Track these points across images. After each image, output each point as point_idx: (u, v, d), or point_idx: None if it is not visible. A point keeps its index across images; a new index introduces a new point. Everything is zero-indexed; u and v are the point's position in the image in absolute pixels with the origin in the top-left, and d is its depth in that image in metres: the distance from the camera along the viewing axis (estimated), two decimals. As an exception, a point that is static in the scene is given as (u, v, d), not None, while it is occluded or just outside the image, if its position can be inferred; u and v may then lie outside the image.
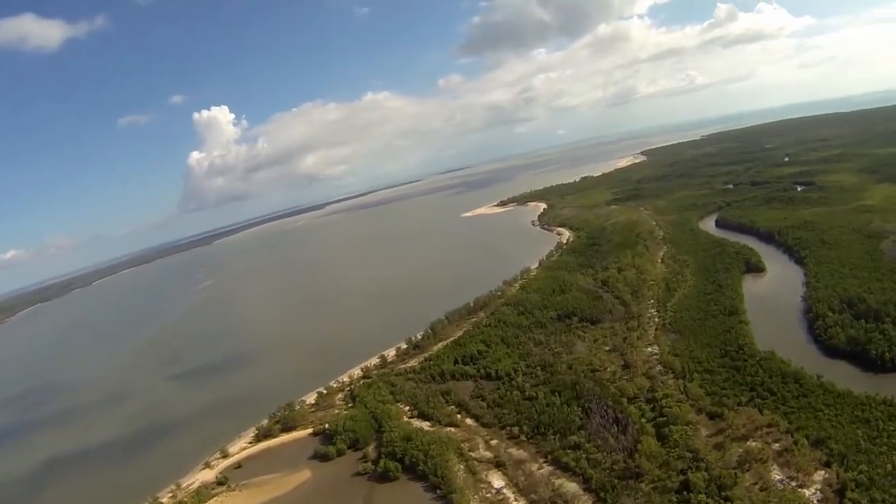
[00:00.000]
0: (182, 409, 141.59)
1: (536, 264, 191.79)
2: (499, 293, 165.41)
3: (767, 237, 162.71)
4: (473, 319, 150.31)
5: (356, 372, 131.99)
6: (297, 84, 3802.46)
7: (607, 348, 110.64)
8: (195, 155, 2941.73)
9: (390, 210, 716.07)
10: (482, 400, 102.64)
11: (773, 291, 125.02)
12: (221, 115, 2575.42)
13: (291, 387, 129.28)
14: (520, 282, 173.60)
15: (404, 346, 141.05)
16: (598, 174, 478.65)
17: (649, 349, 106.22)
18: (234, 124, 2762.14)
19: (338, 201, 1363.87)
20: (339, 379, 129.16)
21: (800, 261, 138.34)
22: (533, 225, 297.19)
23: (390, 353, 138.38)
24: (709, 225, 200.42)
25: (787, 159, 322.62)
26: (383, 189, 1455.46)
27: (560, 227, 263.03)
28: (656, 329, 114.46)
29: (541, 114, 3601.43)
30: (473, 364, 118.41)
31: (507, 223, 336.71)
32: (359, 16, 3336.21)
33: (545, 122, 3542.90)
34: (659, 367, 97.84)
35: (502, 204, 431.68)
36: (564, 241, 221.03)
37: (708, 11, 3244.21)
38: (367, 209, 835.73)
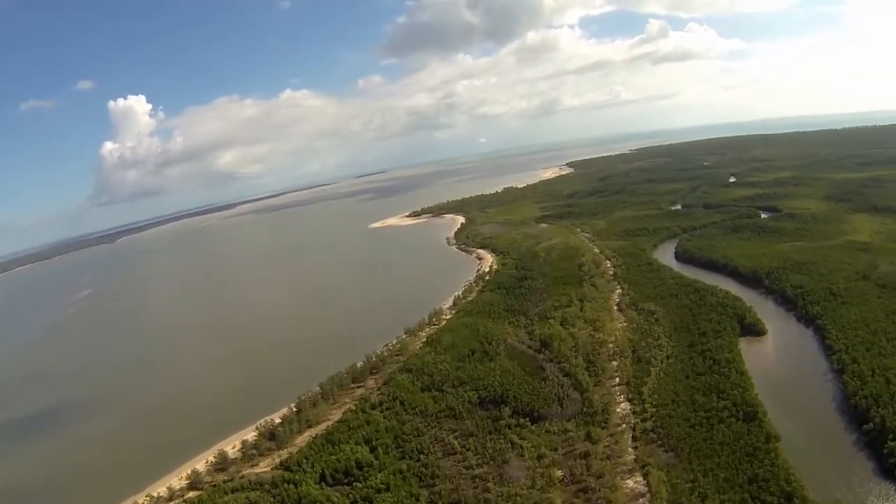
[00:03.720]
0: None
1: (450, 302, 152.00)
2: (398, 347, 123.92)
3: (752, 280, 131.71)
4: (359, 390, 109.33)
5: (183, 474, 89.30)
6: (213, 77, 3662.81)
7: (560, 473, 71.03)
8: (108, 145, 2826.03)
9: (297, 215, 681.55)
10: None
11: (789, 371, 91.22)
12: (138, 106, 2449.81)
13: (91, 492, 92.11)
14: (427, 330, 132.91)
15: (254, 435, 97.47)
16: (522, 185, 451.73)
17: (630, 483, 67.57)
18: (151, 115, 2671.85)
19: (249, 201, 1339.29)
20: (155, 492, 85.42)
21: (805, 318, 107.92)
22: (448, 243, 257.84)
23: (236, 445, 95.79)
24: (667, 256, 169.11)
25: (733, 179, 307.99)
26: (298, 190, 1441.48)
27: (481, 248, 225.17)
28: (634, 438, 76.20)
29: (462, 121, 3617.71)
30: (348, 484, 76.61)
31: (419, 239, 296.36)
32: (280, 9, 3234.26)
33: (466, 129, 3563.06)
34: (654, 530, 59.17)
35: (415, 215, 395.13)
36: (487, 270, 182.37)
37: (640, 27, 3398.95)
38: (275, 212, 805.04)
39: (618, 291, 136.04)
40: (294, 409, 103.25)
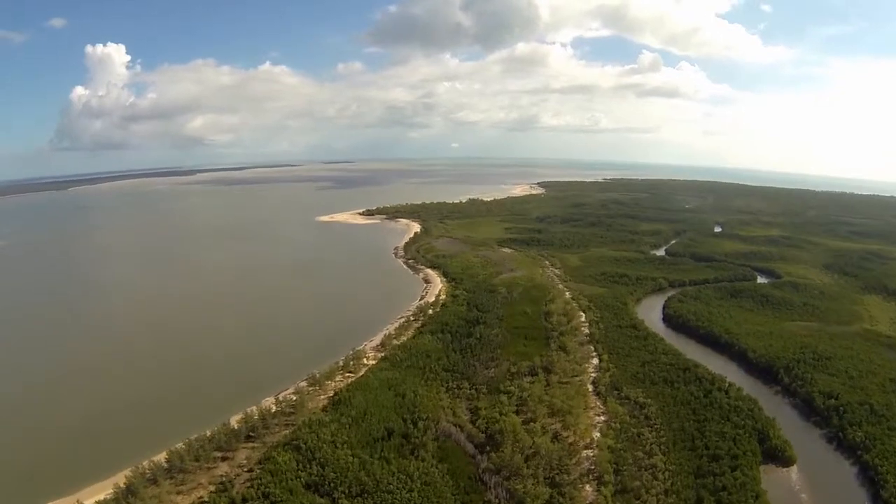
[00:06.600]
0: None
1: (377, 340, 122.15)
2: (292, 402, 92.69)
3: (764, 371, 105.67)
4: (223, 466, 77.99)
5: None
6: (192, 37, 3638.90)
7: None
8: (79, 90, 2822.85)
9: (252, 193, 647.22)
10: None
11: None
12: (117, 55, 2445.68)
13: None
14: (337, 379, 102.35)
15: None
16: (488, 199, 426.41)
17: None
18: (129, 67, 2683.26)
19: (211, 171, 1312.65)
20: None
21: (842, 443, 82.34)
22: (395, 255, 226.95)
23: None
24: (653, 316, 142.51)
25: (719, 229, 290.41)
26: (262, 167, 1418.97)
27: (431, 267, 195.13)
28: None
29: (438, 123, 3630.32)
30: None
31: (365, 243, 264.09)
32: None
33: (441, 132, 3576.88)
34: None
35: (369, 213, 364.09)
36: (432, 300, 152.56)
37: (632, 56, 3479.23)
38: (231, 186, 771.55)
39: (594, 362, 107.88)
40: (123, 487, 71.84)
